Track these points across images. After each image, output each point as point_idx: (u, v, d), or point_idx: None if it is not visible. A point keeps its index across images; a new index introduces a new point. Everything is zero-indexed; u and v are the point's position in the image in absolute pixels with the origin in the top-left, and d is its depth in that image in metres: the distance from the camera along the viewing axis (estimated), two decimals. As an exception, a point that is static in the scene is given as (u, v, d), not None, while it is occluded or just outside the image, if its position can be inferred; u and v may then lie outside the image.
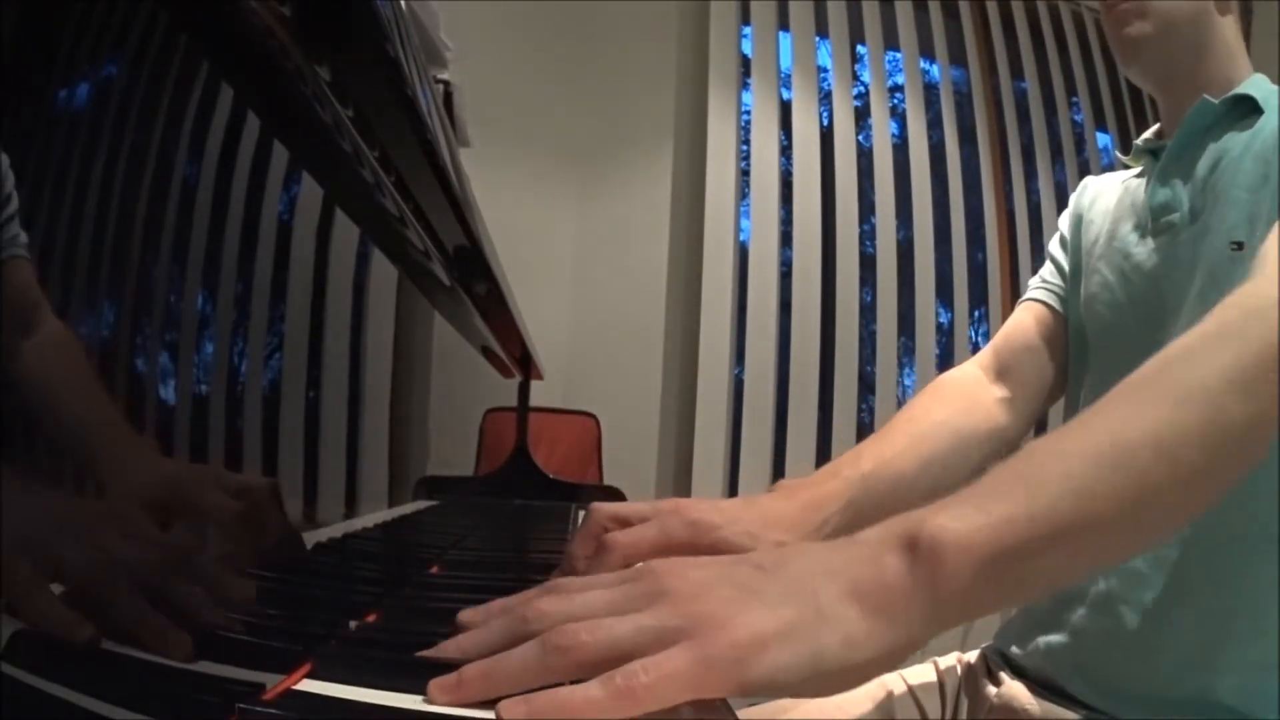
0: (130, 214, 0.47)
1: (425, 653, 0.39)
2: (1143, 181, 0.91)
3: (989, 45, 2.76)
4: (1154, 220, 0.87)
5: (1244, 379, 0.46)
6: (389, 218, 0.84)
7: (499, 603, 0.42)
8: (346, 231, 0.84)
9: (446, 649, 0.39)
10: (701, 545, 0.60)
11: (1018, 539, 0.40)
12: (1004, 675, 0.88)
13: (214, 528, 0.56)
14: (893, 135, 2.67)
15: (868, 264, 2.56)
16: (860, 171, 2.59)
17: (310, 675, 0.36)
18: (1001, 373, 0.96)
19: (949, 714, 0.91)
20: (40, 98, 0.40)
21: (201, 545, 0.54)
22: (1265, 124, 0.81)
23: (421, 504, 1.15)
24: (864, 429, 2.58)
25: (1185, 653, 0.75)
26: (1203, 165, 0.83)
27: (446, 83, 1.38)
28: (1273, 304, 0.49)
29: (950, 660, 0.96)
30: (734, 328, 2.45)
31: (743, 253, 2.50)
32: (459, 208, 0.86)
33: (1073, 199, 1.04)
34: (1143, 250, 0.87)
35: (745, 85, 2.57)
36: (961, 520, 0.40)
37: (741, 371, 2.47)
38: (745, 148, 2.56)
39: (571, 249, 2.52)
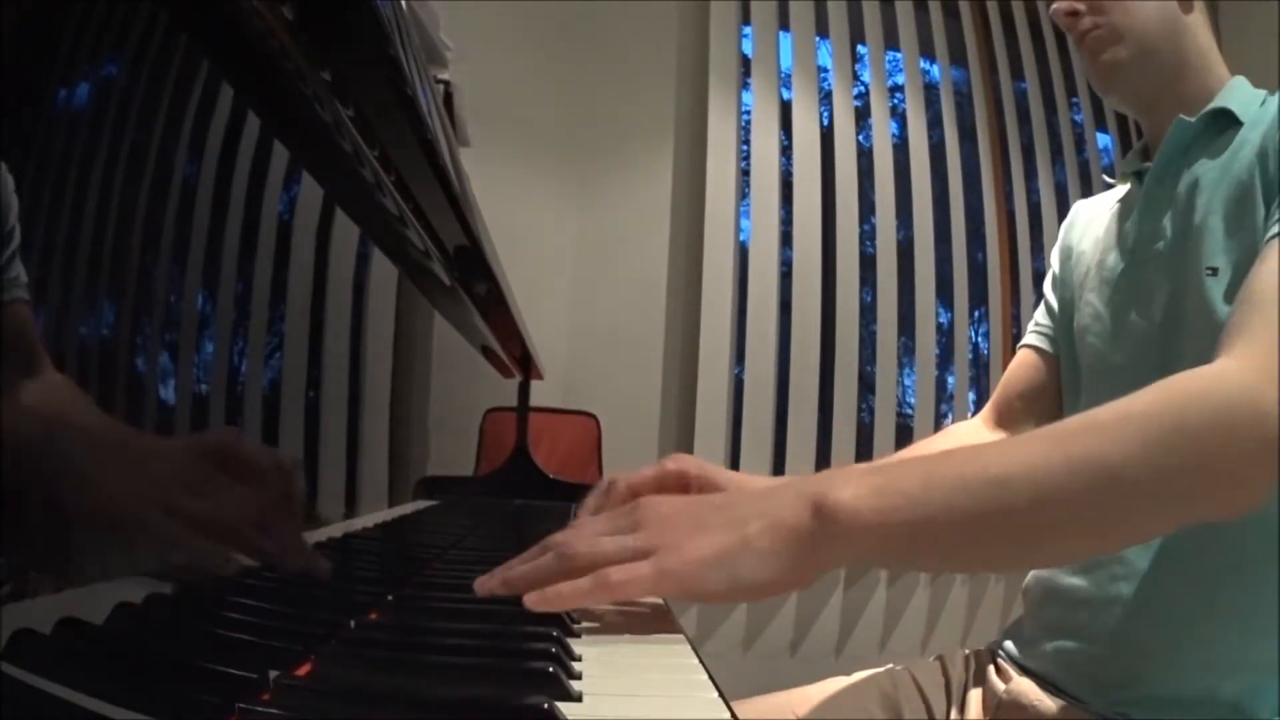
0: (130, 214, 0.47)
1: (483, 579, 0.55)
2: (1130, 207, 0.90)
3: (989, 45, 2.76)
4: (1140, 249, 0.86)
5: (1144, 453, 0.53)
6: (389, 218, 0.84)
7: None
8: (346, 231, 0.84)
9: (498, 572, 0.55)
10: (690, 479, 0.76)
11: (895, 524, 0.52)
12: (1012, 672, 0.88)
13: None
14: (893, 135, 2.67)
15: (868, 264, 2.56)
16: (860, 171, 2.59)
17: (310, 674, 0.36)
18: (1001, 421, 1.01)
19: (954, 709, 0.91)
20: (40, 98, 0.40)
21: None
22: (1242, 141, 0.79)
23: (421, 504, 1.15)
24: (864, 429, 2.58)
25: (1194, 654, 0.75)
26: (1182, 189, 0.82)
27: (446, 83, 1.38)
28: (1193, 401, 0.56)
29: (956, 656, 0.96)
30: (734, 328, 2.45)
31: (743, 253, 2.50)
32: (459, 207, 0.86)
33: (1062, 231, 1.04)
34: (1128, 279, 0.87)
35: (745, 85, 2.57)
36: (858, 499, 0.52)
37: (741, 371, 2.47)
38: (745, 148, 2.56)
39: (571, 249, 2.52)
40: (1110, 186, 1.02)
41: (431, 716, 0.33)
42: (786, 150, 2.54)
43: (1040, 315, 1.03)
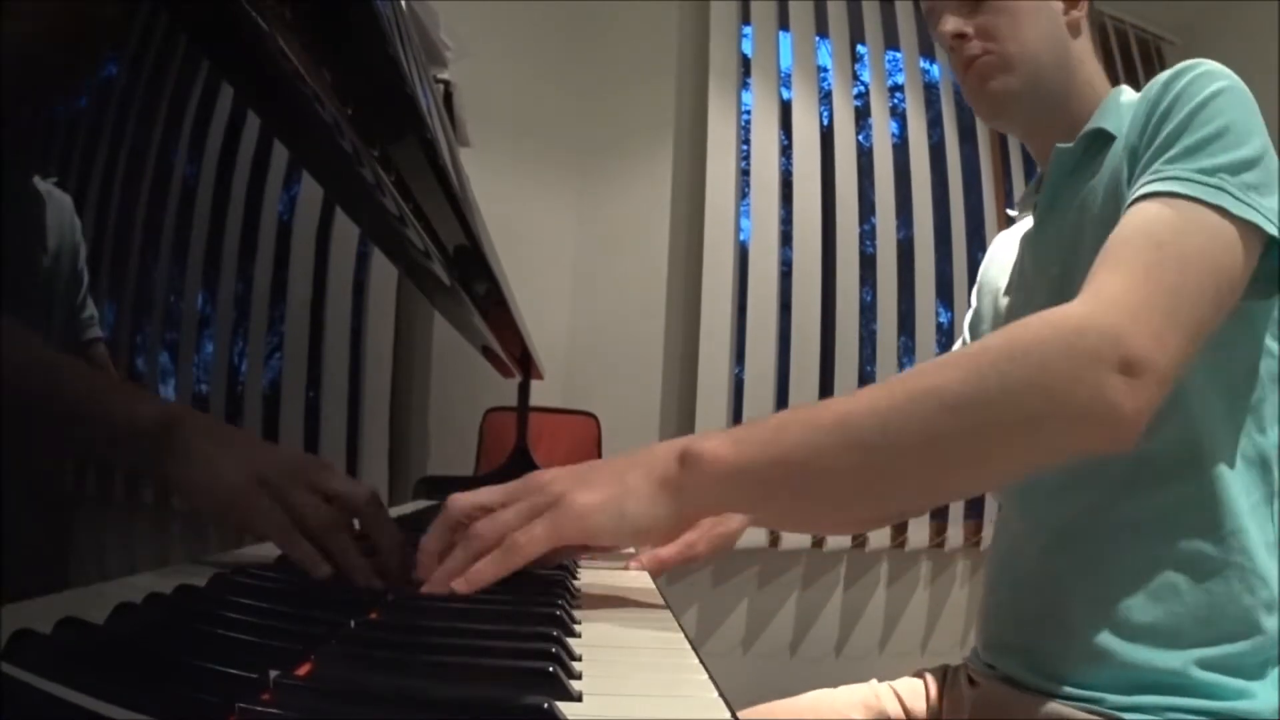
0: (130, 214, 0.47)
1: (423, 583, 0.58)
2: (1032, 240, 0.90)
3: (989, 45, 2.76)
4: (1035, 279, 0.86)
5: (980, 377, 0.57)
6: (389, 218, 0.84)
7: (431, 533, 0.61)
8: (346, 231, 0.84)
9: (421, 563, 0.59)
10: None
11: (752, 464, 0.58)
12: (981, 680, 0.90)
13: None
14: (893, 135, 2.67)
15: (868, 264, 2.56)
16: (860, 171, 2.59)
17: (310, 674, 0.36)
18: None
19: (935, 714, 0.94)
20: (40, 98, 0.40)
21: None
22: (1111, 155, 0.78)
23: (421, 504, 1.15)
24: (864, 429, 2.57)
25: (1124, 624, 0.75)
26: (1071, 214, 0.82)
27: (446, 83, 1.38)
28: (1029, 348, 0.58)
29: (936, 668, 0.99)
30: (734, 328, 2.44)
31: (743, 253, 2.50)
32: (459, 207, 0.86)
33: (982, 268, 1.04)
34: (1025, 312, 0.86)
35: (745, 85, 2.57)
36: (718, 446, 0.58)
37: (741, 371, 2.47)
38: (745, 147, 2.56)
39: (571, 249, 2.52)
40: (1013, 221, 1.02)
41: (431, 716, 0.33)
42: (786, 150, 2.54)
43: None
